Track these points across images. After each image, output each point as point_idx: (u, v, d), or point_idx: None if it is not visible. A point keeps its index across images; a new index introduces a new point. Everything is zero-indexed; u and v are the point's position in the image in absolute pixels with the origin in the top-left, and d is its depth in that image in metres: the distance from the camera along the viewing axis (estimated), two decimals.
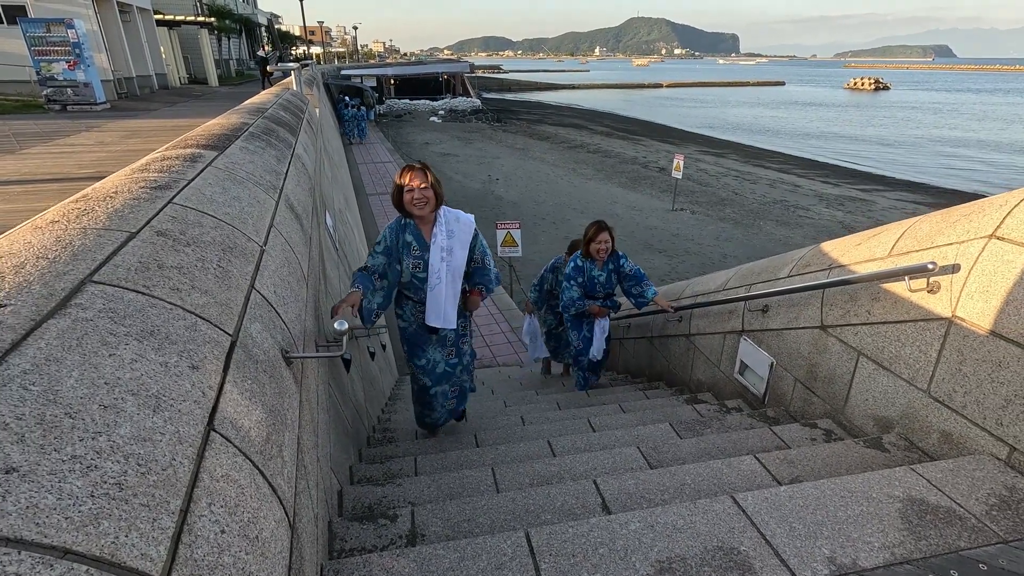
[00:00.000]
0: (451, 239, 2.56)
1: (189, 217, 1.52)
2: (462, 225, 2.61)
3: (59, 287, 0.97)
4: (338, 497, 2.00)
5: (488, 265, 2.78)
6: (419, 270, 2.57)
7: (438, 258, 2.54)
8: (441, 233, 2.54)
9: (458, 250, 2.58)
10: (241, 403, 1.01)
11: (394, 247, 2.56)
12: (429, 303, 2.58)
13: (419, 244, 2.56)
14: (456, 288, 2.62)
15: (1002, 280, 1.73)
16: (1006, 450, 1.71)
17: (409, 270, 2.58)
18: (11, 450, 0.62)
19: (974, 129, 37.19)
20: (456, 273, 2.59)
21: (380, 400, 4.49)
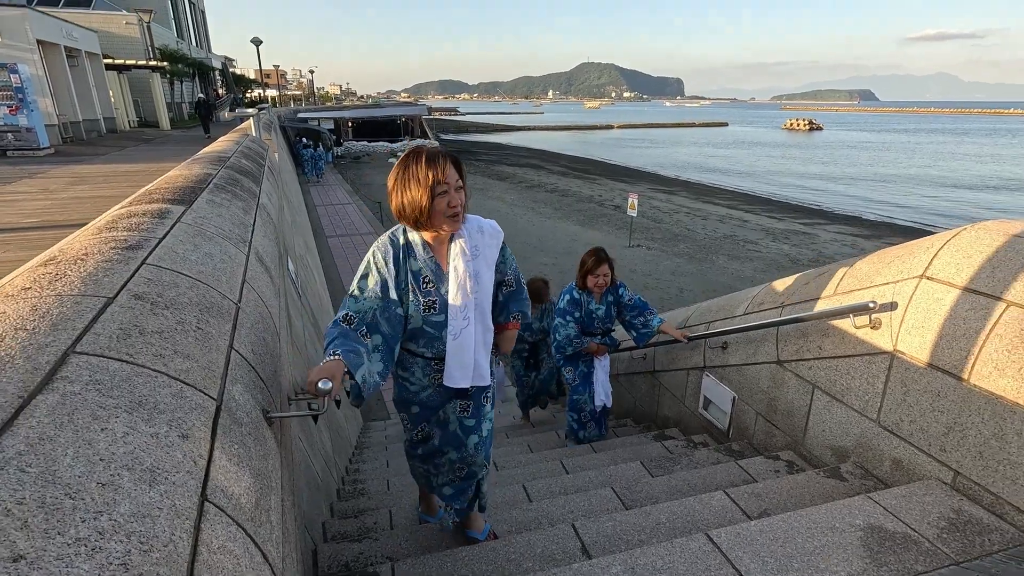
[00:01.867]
0: (476, 259, 1.74)
1: (164, 278, 1.52)
2: (487, 237, 1.79)
3: (43, 360, 0.96)
4: (312, 556, 1.96)
5: (522, 284, 2.00)
6: (434, 312, 1.74)
7: (462, 291, 1.72)
8: (464, 254, 1.71)
9: (485, 273, 1.77)
10: (230, 470, 1.01)
11: (392, 282, 1.70)
12: (452, 357, 1.75)
13: (434, 274, 1.73)
14: (487, 326, 1.81)
15: (935, 317, 1.89)
16: (951, 474, 1.84)
17: (420, 313, 1.74)
18: (16, 537, 0.63)
19: (904, 165, 40.05)
20: (486, 307, 1.80)
21: (347, 450, 4.39)
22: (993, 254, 1.81)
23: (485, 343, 1.81)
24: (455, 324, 1.73)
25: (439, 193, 1.61)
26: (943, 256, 1.95)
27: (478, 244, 1.76)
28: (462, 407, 1.93)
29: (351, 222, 16.23)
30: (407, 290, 1.73)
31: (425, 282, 1.73)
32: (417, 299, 1.74)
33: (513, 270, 1.95)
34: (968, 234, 1.96)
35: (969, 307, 1.80)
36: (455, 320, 1.73)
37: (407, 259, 1.73)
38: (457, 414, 1.93)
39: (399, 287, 1.72)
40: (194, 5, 36.57)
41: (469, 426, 1.93)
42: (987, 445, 1.72)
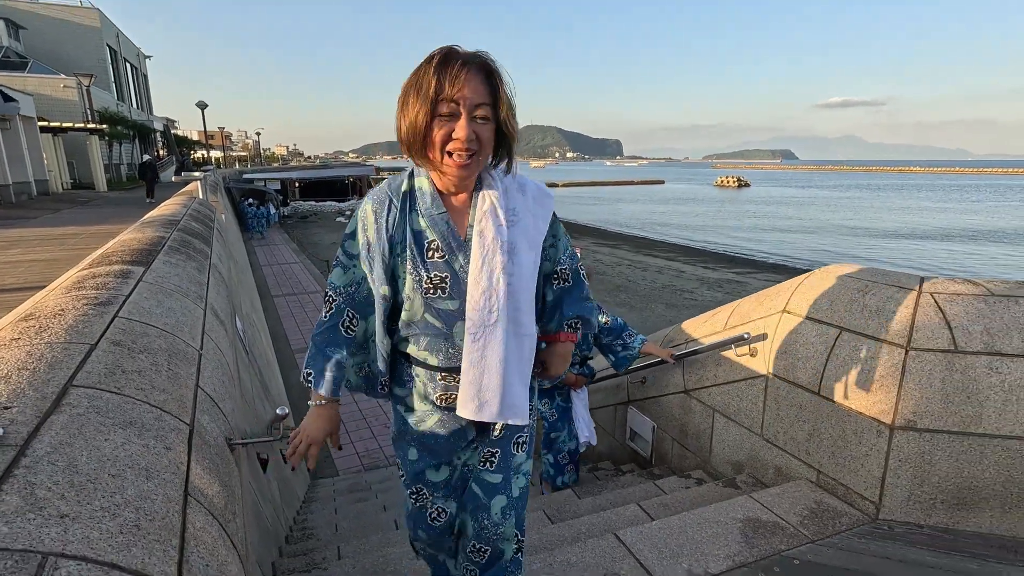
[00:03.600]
0: (513, 228, 1.20)
1: (136, 329, 1.74)
2: (531, 200, 1.26)
3: (49, 391, 1.19)
4: None
5: (583, 279, 1.41)
6: (442, 295, 1.20)
7: (488, 270, 1.17)
8: (495, 215, 1.18)
9: (525, 252, 1.22)
10: (204, 477, 1.24)
11: (383, 247, 1.20)
12: (470, 372, 1.20)
13: (445, 239, 1.20)
14: (527, 333, 1.24)
15: (793, 343, 2.32)
16: (815, 474, 2.22)
17: (420, 296, 1.21)
18: (59, 503, 0.86)
19: (827, 218, 43.47)
20: (523, 303, 1.22)
21: (295, 503, 4.41)
22: (830, 291, 2.27)
23: (521, 357, 1.21)
24: (476, 318, 1.15)
25: (441, 115, 1.08)
26: (797, 294, 2.41)
27: (517, 207, 1.19)
28: (484, 456, 1.37)
29: (297, 281, 16.16)
30: (402, 258, 1.17)
31: (431, 248, 1.17)
32: (417, 273, 1.16)
33: (569, 257, 1.35)
34: (814, 276, 2.43)
35: (816, 334, 2.23)
36: (476, 313, 1.15)
37: (408, 213, 1.18)
38: (475, 464, 1.39)
39: (393, 256, 1.18)
40: (136, 69, 36.53)
41: (492, 483, 1.37)
42: (836, 445, 2.11)
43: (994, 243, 29.37)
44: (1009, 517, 1.89)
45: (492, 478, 1.38)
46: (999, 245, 28.68)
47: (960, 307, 1.95)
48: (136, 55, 36.31)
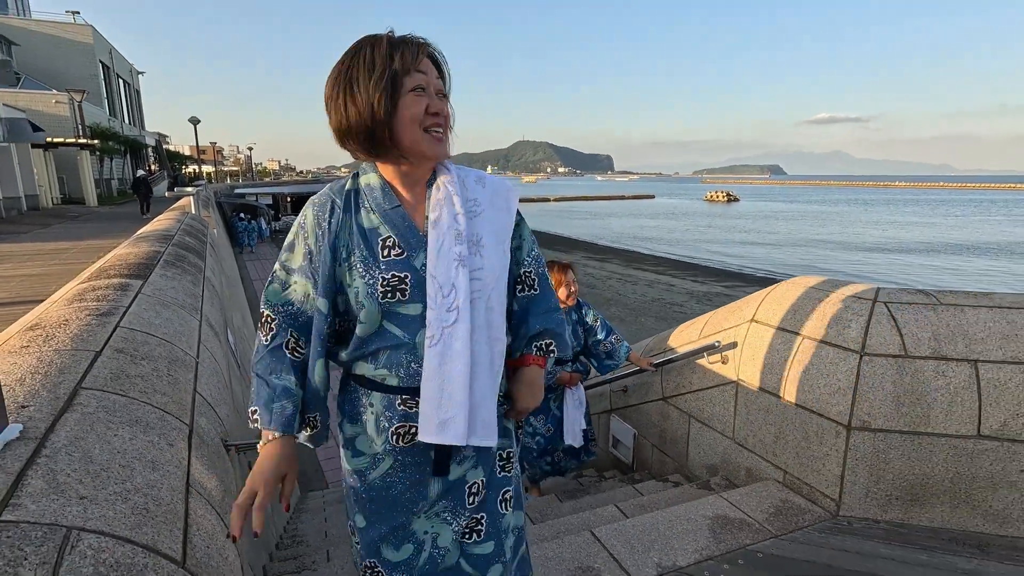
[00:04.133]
0: (475, 219, 1.07)
1: (137, 338, 1.85)
2: (491, 193, 1.12)
3: (61, 392, 1.29)
4: None
5: (550, 287, 1.23)
6: (401, 299, 1.02)
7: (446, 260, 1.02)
8: (450, 203, 1.05)
9: (493, 247, 1.08)
10: (203, 472, 1.34)
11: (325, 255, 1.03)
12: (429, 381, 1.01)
13: (401, 232, 1.04)
14: (499, 336, 1.08)
15: (760, 350, 2.45)
16: (782, 474, 2.34)
17: (374, 301, 1.01)
18: (78, 487, 0.96)
19: (816, 232, 44.06)
20: (496, 298, 1.07)
21: (284, 514, 4.46)
22: (795, 301, 2.41)
23: (492, 364, 1.04)
24: (433, 319, 0.99)
25: (411, 89, 0.96)
26: (765, 304, 2.55)
27: (479, 198, 1.07)
28: (468, 525, 1.12)
29: None
30: (349, 264, 1.01)
31: (386, 247, 1.01)
32: (371, 275, 0.99)
33: (535, 259, 1.18)
34: (781, 287, 2.57)
35: (780, 341, 2.37)
36: (433, 312, 0.99)
37: (354, 213, 1.03)
38: (452, 533, 1.12)
39: (340, 258, 1.01)
40: (128, 85, 36.66)
41: (484, 555, 1.13)
42: (800, 446, 2.24)
43: (977, 256, 29.91)
44: (958, 512, 2.02)
45: (483, 549, 1.12)
46: (983, 258, 29.22)
47: (910, 315, 2.09)
48: (129, 71, 36.47)
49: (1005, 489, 1.96)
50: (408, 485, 1.10)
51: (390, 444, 1.08)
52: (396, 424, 1.06)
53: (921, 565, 1.85)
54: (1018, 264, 27.21)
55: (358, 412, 1.10)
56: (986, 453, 1.95)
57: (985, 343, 1.98)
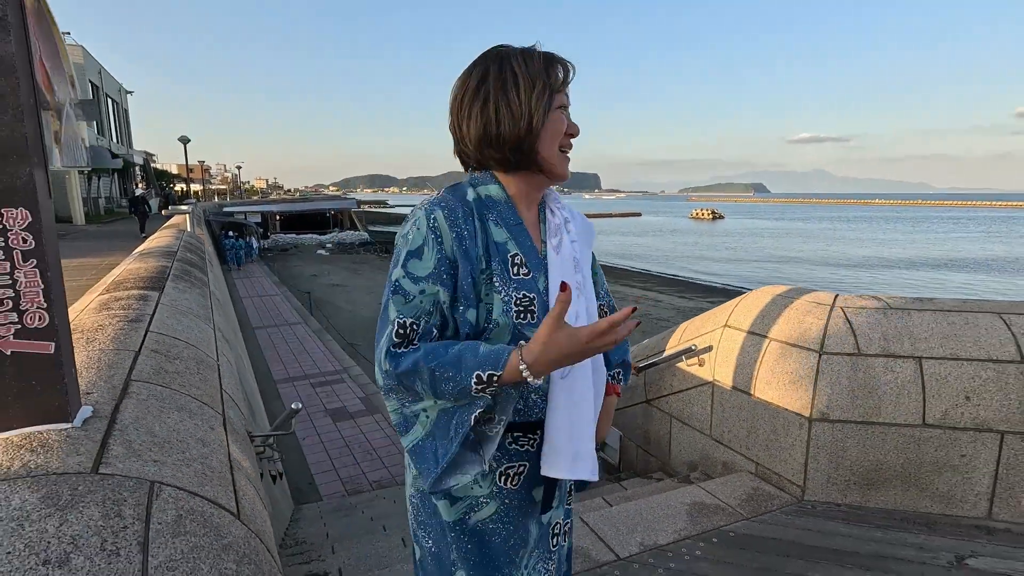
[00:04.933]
0: (573, 234, 1.06)
1: (166, 341, 2.03)
2: (579, 224, 1.12)
3: (116, 383, 1.48)
4: None
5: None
6: (531, 319, 0.95)
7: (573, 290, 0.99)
8: (566, 231, 1.04)
9: (587, 278, 1.09)
10: (238, 453, 1.53)
11: (473, 258, 0.93)
12: (560, 417, 0.95)
13: (526, 251, 0.98)
14: (602, 368, 1.10)
15: (733, 352, 2.69)
16: (754, 466, 2.56)
17: (510, 319, 0.93)
18: (150, 453, 1.15)
19: (801, 249, 44.90)
20: None
21: (283, 523, 4.58)
22: (763, 307, 2.65)
23: (598, 396, 1.05)
24: None
25: (559, 106, 0.96)
26: (737, 311, 2.79)
27: (574, 228, 1.06)
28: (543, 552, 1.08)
29: (279, 312, 16.23)
30: (488, 273, 0.93)
31: (515, 264, 0.95)
32: (507, 292, 0.92)
33: (606, 292, 1.22)
34: (752, 295, 2.82)
35: (750, 344, 2.61)
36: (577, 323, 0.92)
37: (485, 221, 0.96)
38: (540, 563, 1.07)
39: (474, 270, 0.92)
40: (118, 104, 36.77)
41: None
42: (769, 439, 2.46)
43: (955, 272, 30.69)
44: (909, 494, 2.25)
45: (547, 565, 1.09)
46: (962, 274, 29.98)
47: (864, 318, 2.34)
48: (118, 90, 36.60)
49: (948, 472, 2.19)
50: (512, 530, 1.01)
51: (497, 486, 0.99)
52: (506, 464, 0.99)
53: (875, 541, 2.07)
54: (995, 279, 27.98)
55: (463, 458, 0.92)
56: (931, 440, 2.18)
57: (928, 342, 2.23)
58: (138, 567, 0.87)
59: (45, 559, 0.83)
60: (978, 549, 2.01)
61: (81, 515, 0.91)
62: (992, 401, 2.13)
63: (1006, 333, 2.19)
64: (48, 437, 1.10)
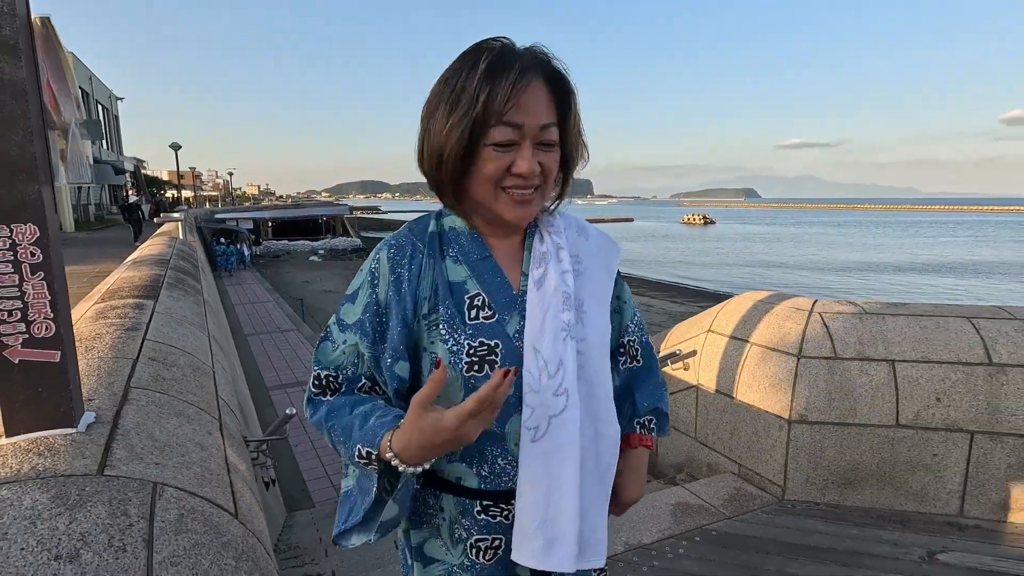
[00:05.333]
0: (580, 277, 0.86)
1: (163, 349, 2.08)
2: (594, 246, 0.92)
3: (116, 390, 1.53)
4: None
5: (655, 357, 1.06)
6: (490, 370, 0.78)
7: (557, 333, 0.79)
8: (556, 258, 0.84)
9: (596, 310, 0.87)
10: (235, 456, 1.58)
11: (404, 307, 0.80)
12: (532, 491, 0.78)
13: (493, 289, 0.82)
14: (608, 431, 0.85)
15: (716, 356, 2.77)
16: (737, 467, 2.63)
17: (459, 372, 0.77)
18: (155, 455, 1.21)
19: (792, 254, 45.25)
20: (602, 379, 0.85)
21: (276, 529, 4.61)
22: (745, 313, 2.73)
23: (599, 466, 0.83)
24: (536, 405, 0.77)
25: (496, 144, 0.74)
26: (720, 316, 2.87)
27: (581, 254, 0.88)
28: None
29: (271, 319, 16.19)
30: (430, 320, 0.80)
31: (474, 306, 0.80)
32: (456, 340, 0.78)
33: (638, 325, 1.00)
34: (734, 300, 2.90)
35: (733, 348, 2.69)
36: (536, 396, 0.77)
37: (438, 259, 0.83)
38: None
39: (414, 313, 0.80)
40: (108, 111, 36.64)
41: None
42: (751, 440, 2.54)
43: (943, 276, 31.07)
44: (884, 493, 2.33)
45: None
46: (950, 278, 30.35)
47: (840, 323, 2.43)
48: (108, 97, 36.47)
49: (921, 471, 2.28)
50: None
51: (469, 558, 0.85)
52: (476, 536, 0.84)
53: (851, 538, 2.14)
54: (983, 283, 28.34)
55: (426, 517, 0.87)
56: (904, 440, 2.27)
57: (901, 345, 2.32)
58: (143, 562, 0.93)
59: (56, 555, 0.89)
60: (949, 545, 2.09)
61: (89, 514, 0.96)
62: (962, 402, 2.22)
63: (975, 337, 2.28)
64: (55, 442, 1.15)
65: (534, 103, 0.75)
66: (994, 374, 2.21)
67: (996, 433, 2.20)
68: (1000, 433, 2.20)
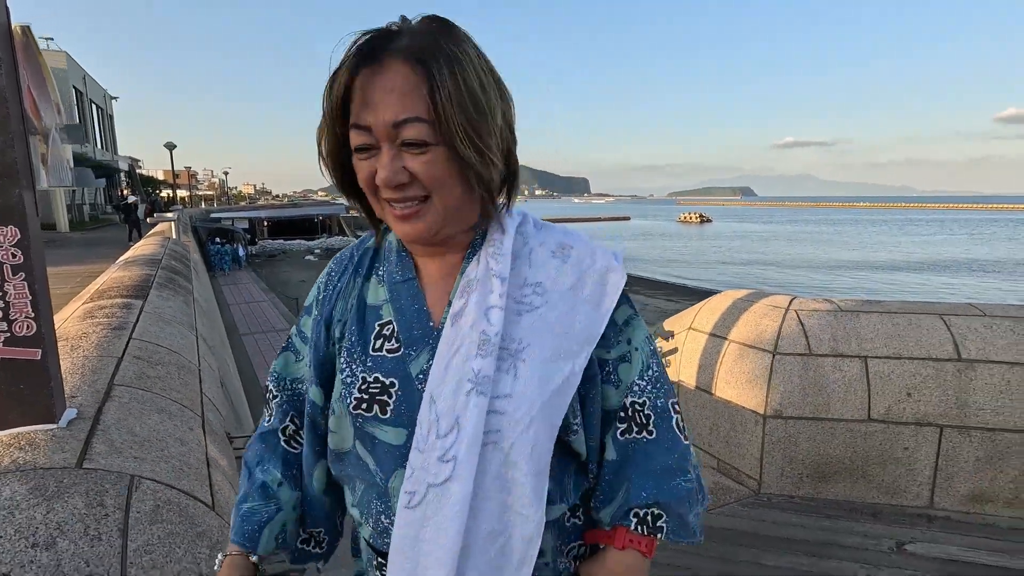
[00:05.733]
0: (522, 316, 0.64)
1: (148, 348, 2.12)
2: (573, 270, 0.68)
3: (99, 387, 1.57)
4: None
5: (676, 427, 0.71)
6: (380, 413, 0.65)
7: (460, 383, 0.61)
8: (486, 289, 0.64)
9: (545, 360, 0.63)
10: (216, 452, 1.62)
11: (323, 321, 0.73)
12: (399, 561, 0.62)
13: (405, 318, 0.68)
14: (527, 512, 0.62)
15: (696, 353, 2.82)
16: (716, 462, 2.68)
17: (347, 407, 0.67)
18: (134, 449, 1.25)
19: (788, 252, 45.30)
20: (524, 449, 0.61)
21: None
22: (725, 310, 2.79)
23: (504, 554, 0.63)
24: (418, 467, 0.63)
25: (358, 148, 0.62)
26: (701, 314, 2.92)
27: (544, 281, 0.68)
28: None
29: (266, 318, 16.18)
30: (341, 347, 0.71)
31: (380, 335, 0.69)
32: (351, 371, 0.68)
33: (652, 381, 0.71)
34: (714, 299, 2.95)
35: (712, 346, 2.74)
36: (420, 457, 0.63)
37: (363, 278, 0.74)
38: None
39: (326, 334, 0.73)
40: (102, 110, 36.53)
41: None
42: (729, 436, 2.59)
43: (936, 274, 31.25)
44: (857, 486, 2.38)
45: None
46: (944, 276, 30.54)
47: (815, 320, 2.48)
48: (103, 96, 36.37)
49: (892, 465, 2.33)
50: None
51: None
52: None
53: (824, 530, 2.20)
54: (976, 280, 28.52)
55: (357, 546, 0.77)
56: (876, 434, 2.32)
57: (873, 342, 2.37)
58: (118, 550, 0.97)
59: (33, 543, 0.93)
60: (917, 535, 2.15)
61: (66, 504, 1.00)
62: (931, 397, 2.27)
63: (945, 333, 2.34)
64: (35, 436, 1.19)
65: (382, 96, 0.58)
66: (963, 369, 2.27)
67: (965, 427, 2.26)
68: (968, 427, 2.25)
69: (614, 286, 0.68)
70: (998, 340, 2.28)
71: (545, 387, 0.62)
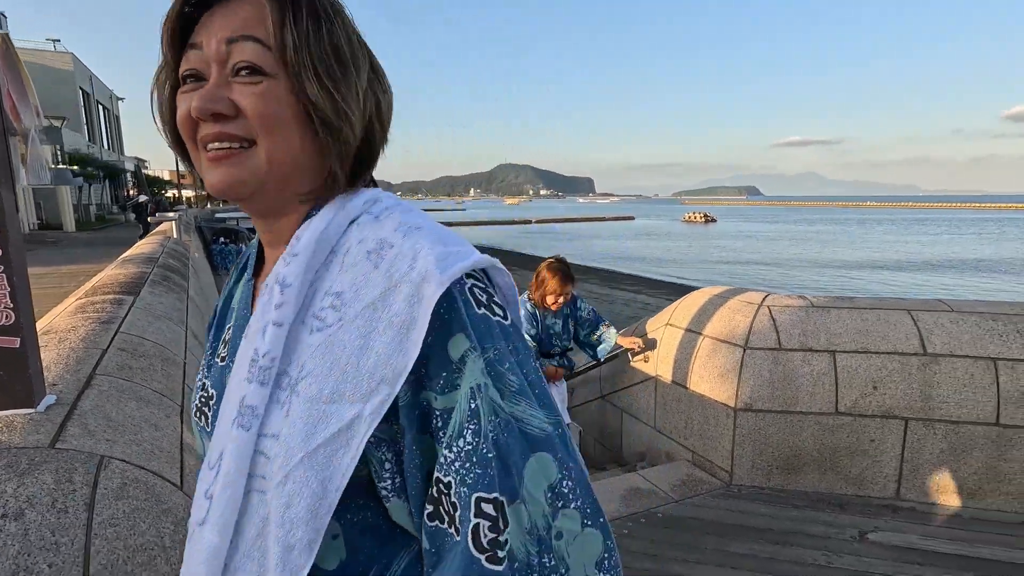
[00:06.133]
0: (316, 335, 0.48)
1: (134, 341, 2.20)
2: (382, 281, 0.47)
3: (81, 376, 1.64)
4: None
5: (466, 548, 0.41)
6: (204, 423, 0.59)
7: (231, 410, 0.49)
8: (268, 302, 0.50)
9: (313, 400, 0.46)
10: (190, 439, 1.69)
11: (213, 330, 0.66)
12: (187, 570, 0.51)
13: (240, 324, 0.57)
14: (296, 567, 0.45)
15: (672, 348, 2.87)
16: (691, 454, 2.74)
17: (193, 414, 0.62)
18: (104, 434, 1.32)
19: (795, 252, 45.06)
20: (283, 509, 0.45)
21: None
22: (701, 306, 2.84)
23: None
24: (196, 500, 0.52)
25: (187, 74, 0.51)
26: (678, 310, 2.98)
27: (345, 290, 0.49)
28: None
29: None
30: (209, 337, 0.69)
31: (224, 341, 0.60)
32: (200, 378, 0.63)
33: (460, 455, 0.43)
34: (692, 295, 3.01)
35: (687, 341, 2.79)
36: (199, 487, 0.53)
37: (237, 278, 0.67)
38: None
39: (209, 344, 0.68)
40: (108, 111, 36.84)
41: None
42: (702, 429, 2.65)
43: (939, 274, 31.08)
44: (826, 478, 2.44)
45: None
46: (949, 275, 30.37)
47: (787, 316, 2.53)
48: (109, 97, 36.68)
49: (859, 456, 2.38)
50: None
51: None
52: None
53: (790, 519, 2.25)
54: (981, 279, 28.35)
55: None
56: (843, 427, 2.37)
57: (841, 337, 2.42)
58: (83, 522, 1.04)
59: (3, 514, 1.00)
60: (881, 525, 2.20)
61: (36, 480, 1.07)
62: (896, 390, 2.32)
63: (912, 328, 2.39)
64: (13, 420, 1.27)
65: (223, 14, 0.49)
66: (928, 363, 2.32)
67: (929, 419, 2.31)
68: (933, 420, 2.30)
69: (427, 303, 0.45)
70: (963, 335, 2.33)
71: (312, 435, 0.45)
